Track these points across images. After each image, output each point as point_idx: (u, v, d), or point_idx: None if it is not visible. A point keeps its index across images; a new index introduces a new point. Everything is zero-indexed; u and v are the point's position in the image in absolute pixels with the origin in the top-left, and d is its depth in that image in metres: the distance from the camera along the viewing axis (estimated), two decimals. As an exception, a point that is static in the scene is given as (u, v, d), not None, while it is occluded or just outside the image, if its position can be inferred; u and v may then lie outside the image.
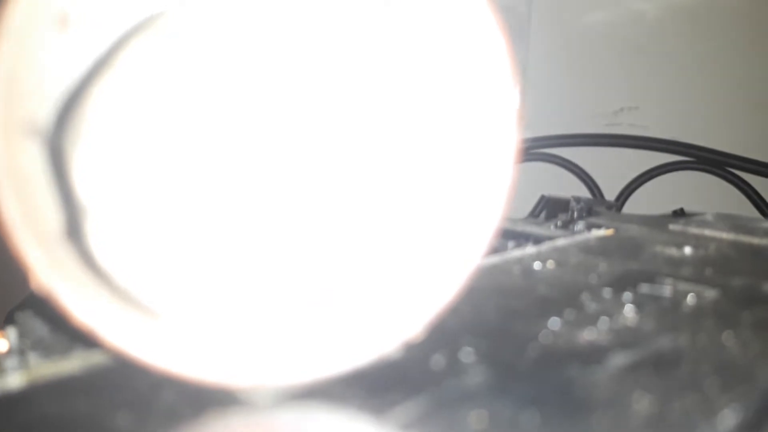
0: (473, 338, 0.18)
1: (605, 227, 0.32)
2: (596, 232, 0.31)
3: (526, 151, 0.87)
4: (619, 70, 0.87)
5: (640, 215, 0.36)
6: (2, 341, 0.19)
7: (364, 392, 0.15)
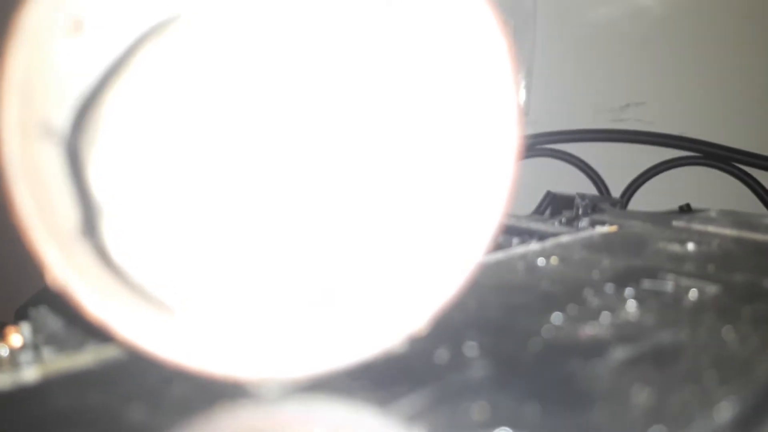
0: (477, 333, 0.18)
1: (609, 224, 0.32)
2: (600, 228, 0.32)
3: (532, 146, 0.87)
4: (625, 65, 0.87)
5: (644, 212, 0.36)
6: (17, 336, 0.19)
7: (369, 385, 0.15)
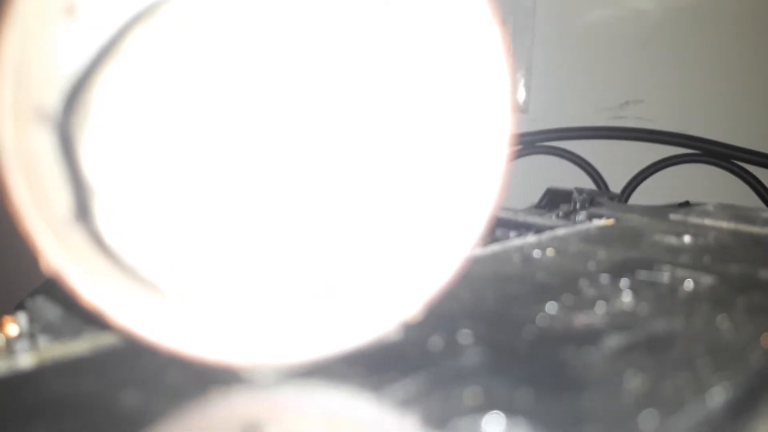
0: (471, 321, 0.18)
1: (606, 217, 0.32)
2: (597, 221, 0.32)
3: (531, 144, 0.87)
4: (624, 63, 0.87)
5: (641, 206, 0.36)
6: (13, 326, 0.19)
7: (363, 371, 0.15)
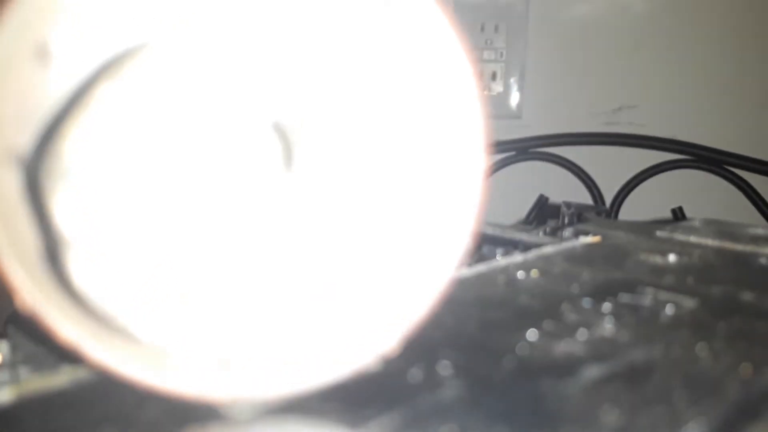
0: (451, 351, 0.18)
1: (593, 234, 0.32)
2: (584, 239, 0.32)
3: (524, 150, 0.87)
4: (617, 68, 0.87)
5: (628, 222, 0.37)
6: (-4, 354, 0.19)
7: (340, 406, 0.15)
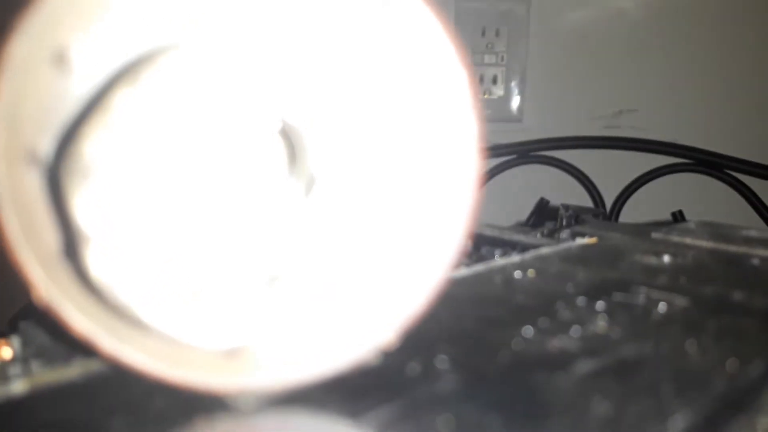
0: (449, 346, 0.19)
1: (589, 236, 0.33)
2: (580, 240, 0.32)
3: (525, 153, 0.88)
4: (618, 72, 0.87)
5: (625, 224, 0.37)
6: (7, 349, 0.20)
7: (341, 397, 0.16)
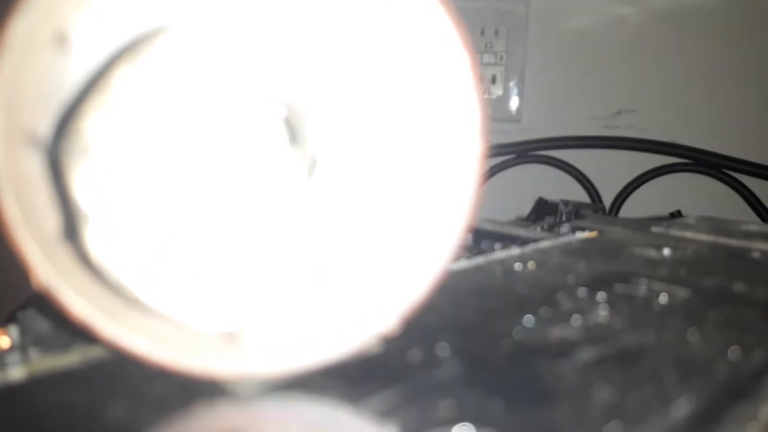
0: (450, 334, 0.19)
1: (589, 230, 0.33)
2: (580, 234, 0.32)
3: (524, 153, 0.88)
4: (616, 72, 0.87)
5: (624, 218, 0.37)
6: (4, 338, 0.20)
7: (343, 383, 0.16)
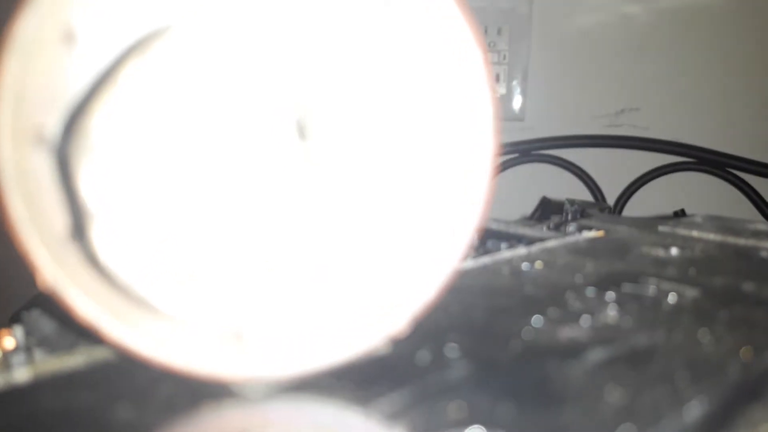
0: (459, 335, 0.19)
1: (596, 229, 0.33)
2: (587, 233, 0.32)
3: (528, 152, 0.88)
4: (619, 71, 0.87)
5: (631, 217, 0.37)
6: (9, 339, 0.20)
7: (352, 385, 0.16)
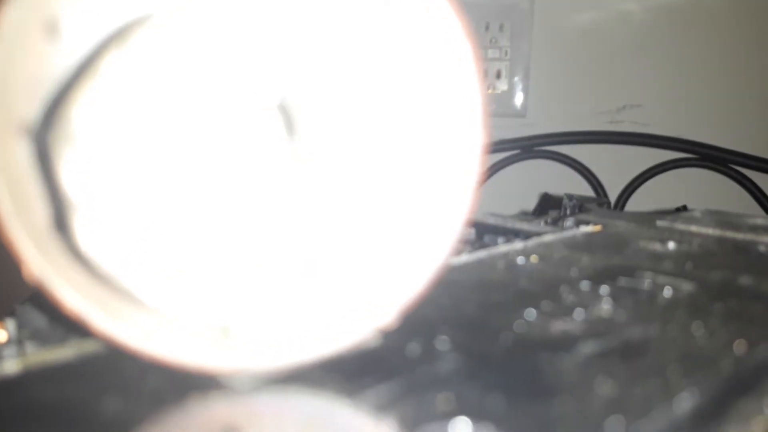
0: (450, 328, 0.19)
1: (594, 224, 0.32)
2: (584, 228, 0.32)
3: (529, 148, 0.87)
4: (621, 67, 0.87)
5: (629, 212, 0.37)
6: (1, 332, 0.20)
7: (340, 377, 0.16)
